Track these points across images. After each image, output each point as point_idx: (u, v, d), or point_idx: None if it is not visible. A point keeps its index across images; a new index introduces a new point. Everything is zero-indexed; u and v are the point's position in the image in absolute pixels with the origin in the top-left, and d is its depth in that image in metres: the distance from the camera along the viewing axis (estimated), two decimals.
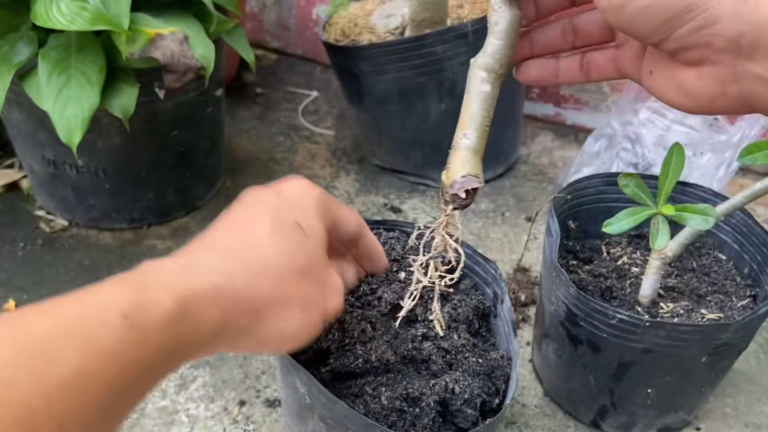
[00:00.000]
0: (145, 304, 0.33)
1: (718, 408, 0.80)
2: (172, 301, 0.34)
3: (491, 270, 0.64)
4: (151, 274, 0.36)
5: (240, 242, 0.40)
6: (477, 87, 0.41)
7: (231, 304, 0.36)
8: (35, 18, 0.77)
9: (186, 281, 0.36)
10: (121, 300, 0.33)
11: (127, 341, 0.32)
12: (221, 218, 0.44)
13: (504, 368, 0.57)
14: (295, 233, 0.41)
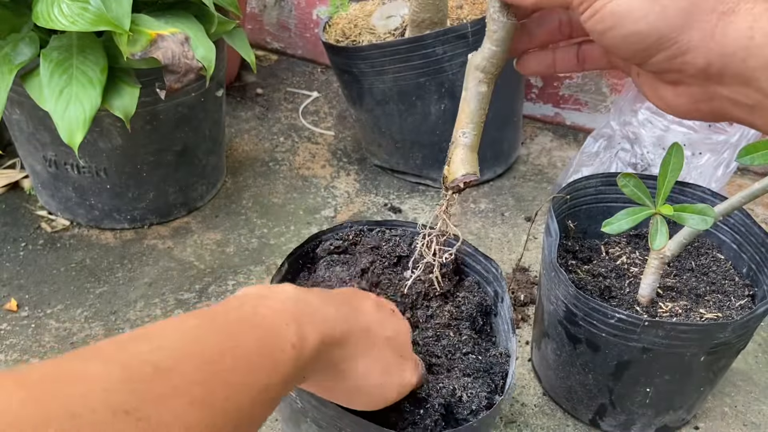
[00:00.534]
0: (303, 339, 0.41)
1: (716, 407, 0.80)
2: (317, 339, 0.42)
3: (492, 269, 0.64)
4: (300, 312, 0.43)
5: (353, 305, 0.50)
6: (475, 87, 0.44)
7: (341, 350, 0.46)
8: (37, 19, 0.77)
9: (325, 325, 0.44)
10: (290, 332, 0.40)
11: (294, 368, 0.39)
12: (336, 290, 0.54)
13: (502, 365, 0.57)
14: (390, 315, 0.52)
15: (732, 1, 0.33)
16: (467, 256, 0.66)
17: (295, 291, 0.45)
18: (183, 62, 0.82)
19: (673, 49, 0.34)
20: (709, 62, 0.33)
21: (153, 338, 0.34)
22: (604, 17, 0.34)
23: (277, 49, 1.60)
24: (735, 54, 0.32)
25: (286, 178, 1.18)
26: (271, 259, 1.01)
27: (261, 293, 0.43)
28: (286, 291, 0.44)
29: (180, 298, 0.94)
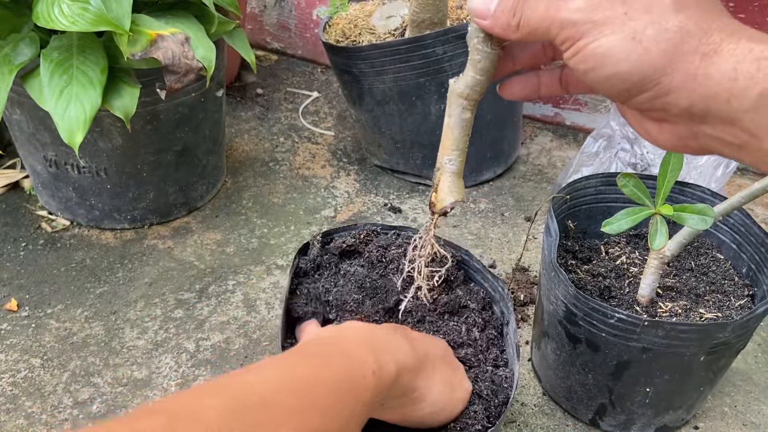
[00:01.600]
0: (382, 367, 0.45)
1: (716, 407, 0.80)
2: (395, 367, 0.47)
3: (499, 288, 0.64)
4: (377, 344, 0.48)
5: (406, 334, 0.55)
6: (459, 114, 0.45)
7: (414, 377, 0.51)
8: (37, 19, 0.77)
9: (400, 354, 0.49)
10: (370, 360, 0.45)
11: (374, 393, 0.43)
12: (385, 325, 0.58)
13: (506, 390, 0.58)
14: (430, 337, 0.59)
15: (714, 41, 0.33)
16: (476, 273, 0.67)
17: (365, 326, 0.50)
18: (183, 62, 0.82)
19: (655, 89, 0.33)
20: (693, 103, 0.33)
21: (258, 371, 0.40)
22: (586, 57, 0.34)
23: (277, 49, 1.60)
24: (718, 95, 0.32)
25: (286, 178, 1.18)
26: (271, 259, 1.01)
27: (333, 332, 0.49)
28: (356, 327, 0.50)
29: (180, 298, 0.94)
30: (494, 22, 0.40)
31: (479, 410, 0.55)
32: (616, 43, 0.33)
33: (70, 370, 0.83)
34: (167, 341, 0.87)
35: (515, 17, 0.38)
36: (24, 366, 0.83)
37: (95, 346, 0.86)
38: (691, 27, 0.33)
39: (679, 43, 0.33)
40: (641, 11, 0.33)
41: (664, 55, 0.33)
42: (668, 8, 0.33)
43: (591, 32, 0.34)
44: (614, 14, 0.34)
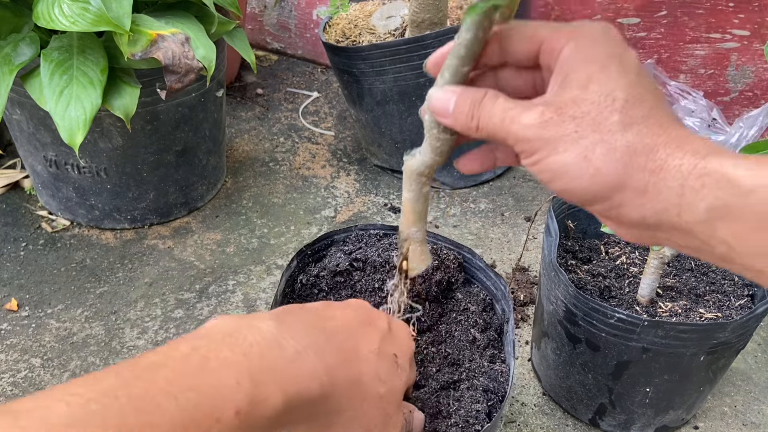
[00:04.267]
0: (258, 401, 0.35)
1: (716, 407, 0.80)
2: (281, 399, 0.36)
3: (501, 287, 0.64)
4: (269, 360, 0.37)
5: (351, 347, 0.43)
6: (419, 190, 0.48)
7: (322, 405, 0.39)
8: (37, 19, 0.77)
9: (297, 381, 0.37)
10: (237, 395, 0.34)
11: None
12: (334, 306, 0.46)
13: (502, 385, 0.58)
14: (390, 364, 0.45)
15: (660, 158, 0.34)
16: (478, 271, 0.67)
17: (275, 331, 0.38)
18: (183, 62, 0.82)
19: (608, 203, 0.35)
20: (645, 216, 0.34)
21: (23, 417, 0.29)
22: (542, 170, 0.36)
23: (277, 49, 1.60)
24: (669, 209, 0.33)
25: (286, 178, 1.18)
26: (271, 259, 1.01)
27: (230, 331, 0.37)
28: (261, 331, 0.38)
29: (180, 297, 0.94)
30: (454, 122, 0.41)
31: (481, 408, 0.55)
32: (569, 160, 0.35)
33: (71, 370, 0.83)
34: (167, 341, 0.87)
35: (473, 120, 0.39)
36: (24, 366, 0.83)
37: (95, 346, 0.86)
38: (638, 145, 0.34)
39: (628, 162, 0.34)
40: (590, 129, 0.35)
41: (614, 174, 0.34)
42: (616, 126, 0.34)
43: (545, 148, 0.36)
44: (565, 132, 0.35)
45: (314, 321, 0.42)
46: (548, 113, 0.36)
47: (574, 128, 0.35)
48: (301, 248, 0.67)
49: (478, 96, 0.39)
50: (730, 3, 1.09)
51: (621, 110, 0.35)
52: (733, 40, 1.11)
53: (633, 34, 1.18)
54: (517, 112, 0.37)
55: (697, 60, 1.15)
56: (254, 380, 0.35)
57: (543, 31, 0.38)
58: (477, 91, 0.39)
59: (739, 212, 0.32)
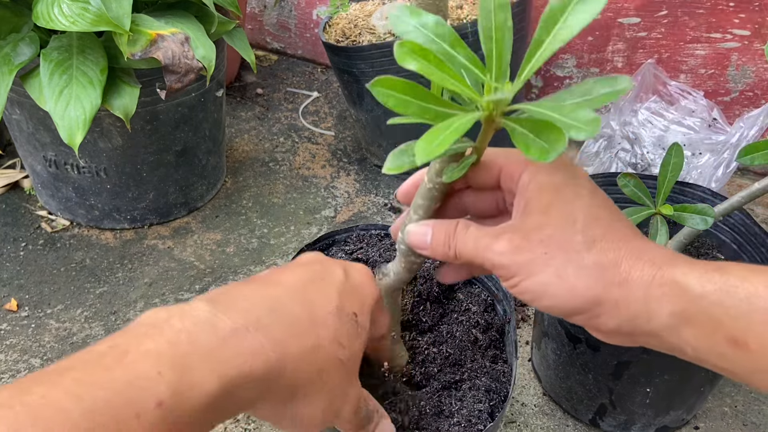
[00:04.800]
0: (185, 390, 0.31)
1: (716, 407, 0.80)
2: (216, 384, 0.33)
3: (502, 287, 0.64)
4: (200, 343, 0.33)
5: (302, 312, 0.39)
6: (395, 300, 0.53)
7: (274, 381, 0.36)
8: (37, 19, 0.77)
9: (237, 361, 0.34)
10: (158, 387, 0.30)
11: (161, 427, 0.30)
12: (280, 269, 0.43)
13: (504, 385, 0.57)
14: (351, 325, 0.42)
15: (624, 271, 0.37)
16: None
17: (209, 313, 0.35)
18: (183, 62, 0.82)
19: (585, 316, 0.38)
20: (620, 324, 0.38)
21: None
22: (521, 292, 0.39)
23: (277, 49, 1.60)
24: (639, 316, 0.37)
25: (286, 178, 1.18)
26: (271, 259, 1.01)
27: (157, 321, 0.35)
28: (193, 316, 0.35)
29: (180, 298, 0.94)
30: (433, 253, 0.44)
31: (483, 408, 0.55)
32: (545, 280, 0.38)
33: None
34: None
35: (450, 249, 0.42)
36: (24, 366, 0.83)
37: None
38: (604, 260, 0.37)
39: (599, 277, 0.37)
40: (558, 249, 0.38)
41: (587, 290, 0.37)
42: (581, 245, 0.38)
43: (520, 272, 0.39)
44: (536, 255, 0.38)
45: (257, 293, 0.39)
46: (517, 240, 0.39)
47: (543, 251, 0.38)
48: (302, 248, 0.67)
49: (451, 228, 0.42)
50: (730, 3, 1.08)
51: (582, 230, 0.38)
52: (734, 39, 1.11)
53: (633, 34, 1.18)
54: (489, 241, 0.40)
55: (697, 60, 1.15)
56: (180, 368, 0.32)
57: (500, 159, 0.42)
58: (449, 223, 0.43)
59: (695, 317, 0.35)
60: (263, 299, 0.38)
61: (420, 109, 0.38)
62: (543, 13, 0.35)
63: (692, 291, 0.36)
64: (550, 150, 0.32)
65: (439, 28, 0.37)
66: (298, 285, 0.41)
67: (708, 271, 0.36)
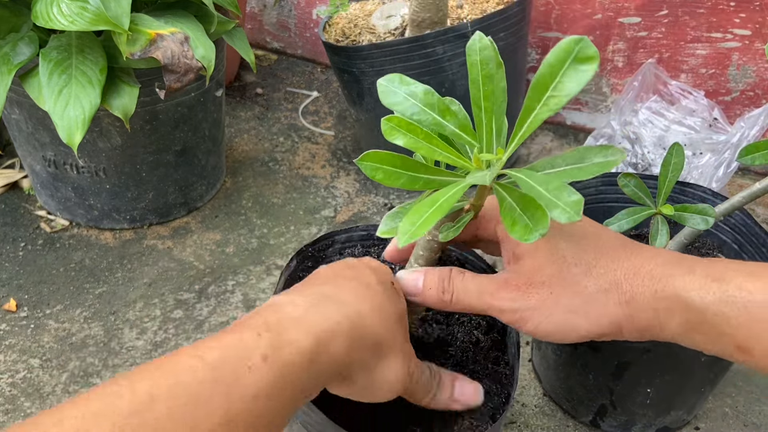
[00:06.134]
0: (284, 345, 0.35)
1: (717, 408, 0.80)
2: (308, 340, 0.36)
3: None
4: (286, 314, 0.37)
5: (358, 284, 0.43)
6: None
7: (359, 338, 0.39)
8: (36, 18, 0.77)
9: (323, 318, 0.38)
10: (261, 343, 0.35)
11: (269, 383, 0.34)
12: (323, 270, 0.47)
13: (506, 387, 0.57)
14: (392, 291, 0.45)
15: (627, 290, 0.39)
16: (482, 272, 0.66)
17: (284, 297, 0.40)
18: (183, 62, 0.82)
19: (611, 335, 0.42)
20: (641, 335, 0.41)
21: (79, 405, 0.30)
22: (542, 334, 0.41)
23: (277, 48, 1.60)
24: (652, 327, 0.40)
25: (286, 178, 1.18)
26: (271, 260, 1.00)
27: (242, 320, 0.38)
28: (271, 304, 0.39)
29: (179, 298, 0.93)
30: (424, 299, 0.45)
31: (484, 410, 0.55)
32: (560, 319, 0.40)
33: (69, 370, 0.83)
34: (166, 342, 0.86)
35: (446, 294, 0.44)
36: (23, 366, 0.83)
37: (94, 346, 0.86)
38: (605, 284, 0.40)
39: (606, 302, 0.40)
40: (561, 286, 0.40)
41: (602, 316, 0.40)
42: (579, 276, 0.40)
43: (533, 317, 0.41)
44: (543, 296, 0.40)
45: (313, 287, 0.43)
46: (521, 285, 0.41)
47: (548, 291, 0.40)
48: (301, 248, 0.67)
49: (445, 273, 0.44)
50: (731, 2, 1.08)
51: (575, 262, 0.40)
52: (735, 39, 1.11)
53: (634, 34, 1.18)
54: (493, 288, 0.42)
55: (698, 59, 1.15)
56: (275, 330, 0.36)
57: (497, 212, 0.43)
58: (442, 270, 0.44)
59: (700, 326, 0.38)
60: (323, 286, 0.42)
61: (410, 180, 0.39)
62: (533, 79, 0.35)
63: (693, 304, 0.38)
64: (533, 230, 0.33)
65: (428, 97, 0.38)
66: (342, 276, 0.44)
67: (707, 282, 0.38)
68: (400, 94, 0.38)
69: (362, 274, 0.45)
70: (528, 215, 0.34)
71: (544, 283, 0.40)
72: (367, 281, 0.44)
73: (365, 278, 0.44)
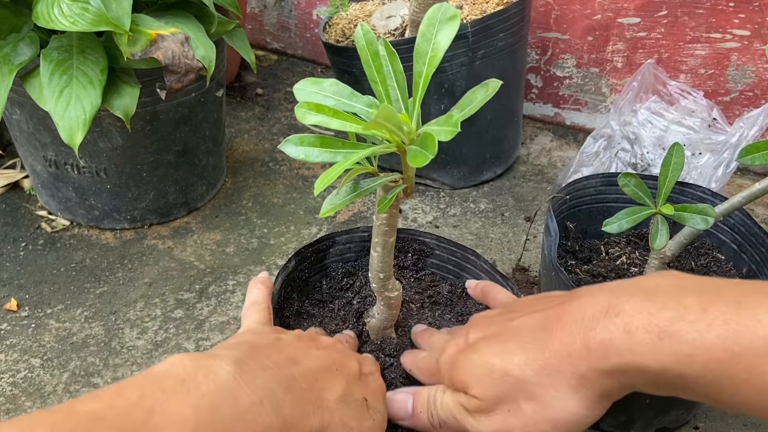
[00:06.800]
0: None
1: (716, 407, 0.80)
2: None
3: (508, 289, 0.64)
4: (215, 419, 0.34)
5: (312, 395, 0.40)
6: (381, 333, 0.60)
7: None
8: (37, 19, 0.77)
9: None
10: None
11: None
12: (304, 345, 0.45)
13: None
14: (360, 408, 0.43)
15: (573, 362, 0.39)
16: (483, 273, 0.66)
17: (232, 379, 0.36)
18: (183, 62, 0.82)
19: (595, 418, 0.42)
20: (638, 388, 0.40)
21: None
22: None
23: (277, 49, 1.60)
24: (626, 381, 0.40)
25: (286, 178, 1.18)
26: (271, 259, 1.01)
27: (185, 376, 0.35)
28: (217, 378, 0.35)
29: (180, 298, 0.94)
30: (415, 422, 0.46)
31: None
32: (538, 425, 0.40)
33: (70, 370, 0.83)
34: (167, 341, 0.87)
35: (435, 418, 0.45)
36: (24, 366, 0.83)
37: (95, 346, 0.86)
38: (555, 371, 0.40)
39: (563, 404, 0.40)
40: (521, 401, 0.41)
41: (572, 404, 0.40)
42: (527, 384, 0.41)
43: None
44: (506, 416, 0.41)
45: (278, 366, 0.40)
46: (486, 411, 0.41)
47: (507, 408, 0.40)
48: (300, 249, 0.67)
49: (432, 393, 0.45)
50: (730, 3, 1.08)
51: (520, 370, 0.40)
52: (734, 40, 1.11)
53: (633, 34, 1.18)
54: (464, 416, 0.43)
55: (697, 60, 1.15)
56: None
57: None
58: (429, 389, 0.45)
59: None
60: (283, 378, 0.39)
61: (331, 156, 0.43)
62: (414, 50, 0.41)
63: None
64: (426, 154, 0.37)
65: (333, 87, 0.44)
66: (314, 370, 0.42)
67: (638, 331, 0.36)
68: (308, 91, 0.43)
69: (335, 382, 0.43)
70: (424, 147, 0.37)
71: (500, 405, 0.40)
72: (333, 392, 0.42)
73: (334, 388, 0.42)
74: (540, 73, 1.30)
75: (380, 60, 0.43)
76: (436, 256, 0.69)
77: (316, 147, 0.42)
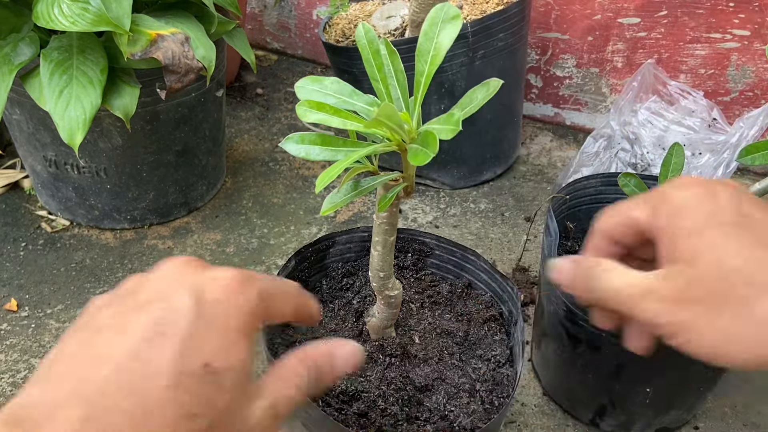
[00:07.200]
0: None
1: (716, 407, 0.80)
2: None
3: (508, 289, 0.64)
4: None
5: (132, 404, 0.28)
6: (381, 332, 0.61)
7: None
8: (37, 19, 0.77)
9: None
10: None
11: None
12: (123, 312, 0.31)
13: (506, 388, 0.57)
14: (202, 384, 0.30)
15: None
16: (483, 273, 0.66)
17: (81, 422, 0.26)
18: (183, 62, 0.82)
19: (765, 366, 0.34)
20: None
21: None
22: (695, 353, 0.35)
23: (277, 49, 1.60)
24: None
25: (286, 178, 1.18)
26: (271, 259, 1.01)
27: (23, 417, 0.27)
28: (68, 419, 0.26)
29: None
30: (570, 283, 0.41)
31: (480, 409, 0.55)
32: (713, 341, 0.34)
33: None
34: None
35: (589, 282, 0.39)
36: (24, 366, 0.83)
37: None
38: None
39: None
40: (720, 305, 0.33)
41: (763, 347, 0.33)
42: (747, 299, 0.33)
43: (683, 333, 0.34)
44: (697, 313, 0.34)
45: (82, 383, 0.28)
46: (669, 297, 0.35)
47: (703, 308, 0.34)
48: (300, 249, 0.67)
49: (593, 263, 0.40)
50: (730, 3, 1.08)
51: (745, 282, 0.33)
52: (734, 40, 1.11)
53: (633, 35, 1.18)
54: (638, 296, 0.36)
55: (697, 60, 1.15)
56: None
57: (635, 212, 0.39)
58: (593, 259, 0.40)
59: None
60: (85, 397, 0.28)
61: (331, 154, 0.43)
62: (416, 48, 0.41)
63: None
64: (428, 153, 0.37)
65: (335, 85, 0.44)
66: (131, 355, 0.29)
67: None
68: (309, 89, 0.43)
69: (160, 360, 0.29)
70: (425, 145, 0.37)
71: (702, 300, 0.34)
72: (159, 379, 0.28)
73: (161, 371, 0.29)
74: (540, 73, 1.30)
75: (381, 59, 0.43)
76: (436, 256, 0.69)
77: (316, 145, 0.42)
